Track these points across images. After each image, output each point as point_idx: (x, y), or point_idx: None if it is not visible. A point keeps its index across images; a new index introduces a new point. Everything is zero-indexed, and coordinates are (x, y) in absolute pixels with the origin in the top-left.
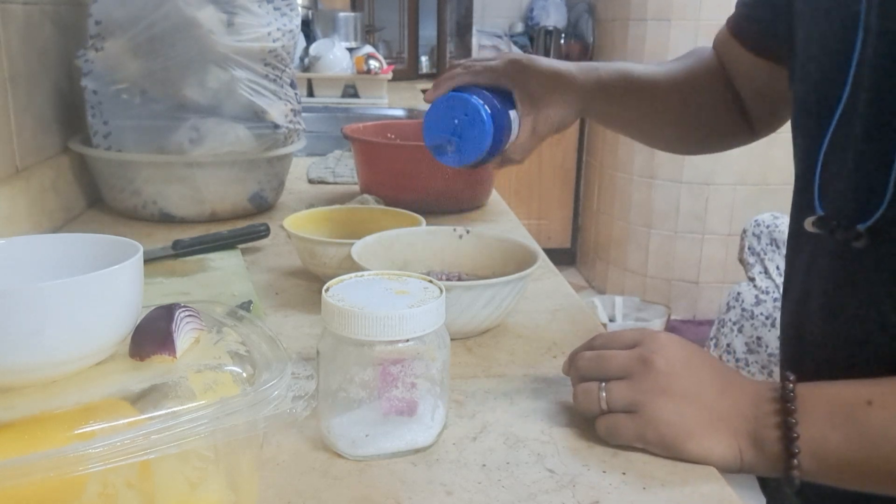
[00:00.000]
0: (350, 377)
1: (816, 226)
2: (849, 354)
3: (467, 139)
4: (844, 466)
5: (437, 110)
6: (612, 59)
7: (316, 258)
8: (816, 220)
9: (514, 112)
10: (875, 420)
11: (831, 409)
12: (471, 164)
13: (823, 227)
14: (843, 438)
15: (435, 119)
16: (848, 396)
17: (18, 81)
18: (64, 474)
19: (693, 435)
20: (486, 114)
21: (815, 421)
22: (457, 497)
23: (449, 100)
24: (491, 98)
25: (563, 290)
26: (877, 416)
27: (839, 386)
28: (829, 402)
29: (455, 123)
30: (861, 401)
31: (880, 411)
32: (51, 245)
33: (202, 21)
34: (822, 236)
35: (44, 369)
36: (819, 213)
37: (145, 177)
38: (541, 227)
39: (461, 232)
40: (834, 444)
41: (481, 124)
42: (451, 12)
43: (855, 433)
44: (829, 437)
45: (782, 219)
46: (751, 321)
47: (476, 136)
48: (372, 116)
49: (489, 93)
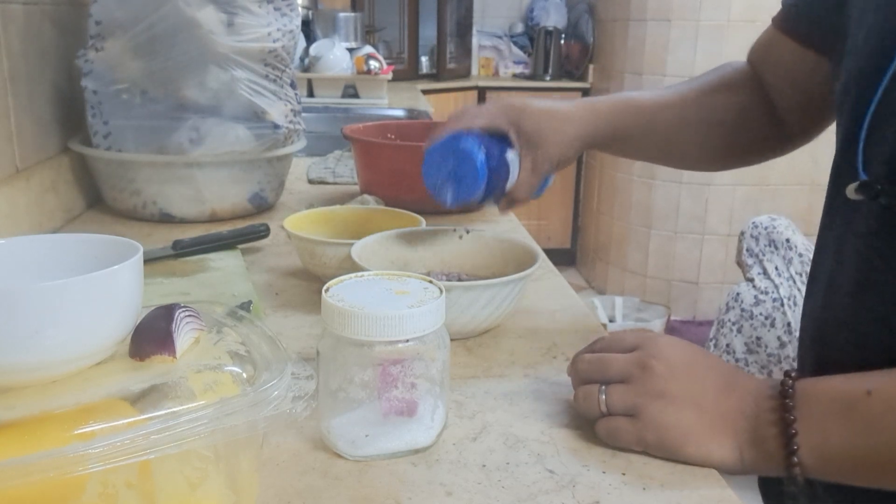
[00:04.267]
0: (350, 377)
1: (859, 192)
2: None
3: (462, 181)
4: (847, 460)
5: (432, 156)
6: (612, 59)
7: (316, 258)
8: (859, 186)
9: (512, 153)
10: (875, 410)
11: (831, 403)
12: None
13: (866, 193)
14: (844, 432)
15: (431, 164)
16: (847, 389)
17: (18, 81)
18: (64, 474)
19: (692, 438)
20: (479, 155)
21: (814, 416)
22: (457, 497)
23: (443, 144)
24: (485, 140)
25: (563, 291)
26: (877, 406)
27: (839, 379)
28: (829, 397)
29: (450, 167)
30: (861, 392)
31: (880, 401)
32: (51, 245)
33: (202, 21)
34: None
35: (44, 369)
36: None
37: (145, 177)
38: (541, 227)
39: (461, 232)
40: (835, 439)
41: (473, 165)
42: (451, 12)
43: (856, 426)
44: (830, 432)
45: (780, 220)
46: (750, 321)
47: (470, 177)
48: (372, 116)
49: (485, 136)
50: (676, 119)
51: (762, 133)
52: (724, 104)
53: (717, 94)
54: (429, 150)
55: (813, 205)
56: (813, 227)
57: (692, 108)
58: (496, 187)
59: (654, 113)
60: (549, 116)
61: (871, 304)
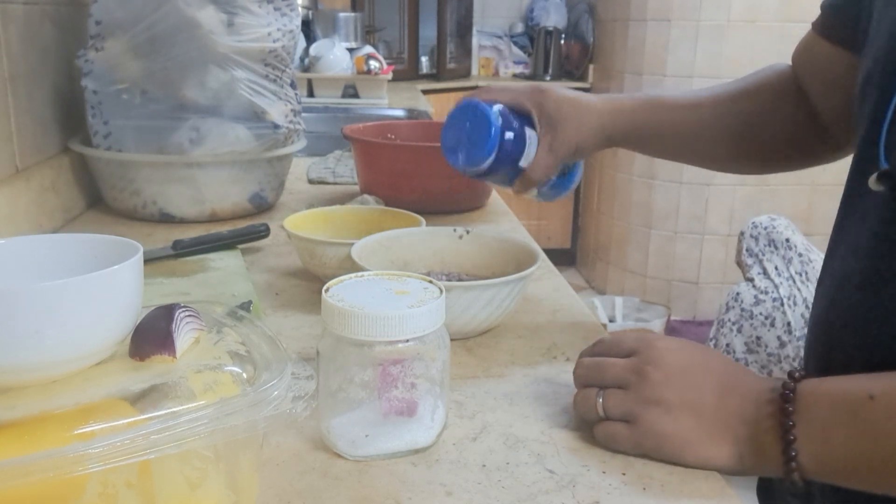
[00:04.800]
0: (350, 377)
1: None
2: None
3: (475, 142)
4: (848, 465)
5: (452, 117)
6: (612, 59)
7: (316, 258)
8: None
9: (531, 131)
10: (878, 415)
11: (832, 409)
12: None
13: (888, 183)
14: (844, 436)
15: (449, 124)
16: (849, 392)
17: (18, 81)
18: (64, 474)
19: (690, 444)
20: (494, 119)
21: (814, 420)
22: (457, 497)
23: (462, 108)
24: (505, 112)
25: (563, 291)
26: (879, 410)
27: (842, 382)
28: (831, 401)
29: (466, 127)
30: (863, 396)
31: (883, 407)
32: (51, 245)
33: (202, 21)
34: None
35: (44, 369)
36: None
37: (145, 177)
38: (541, 227)
39: (461, 232)
40: (835, 443)
41: (487, 129)
42: (451, 12)
43: (857, 430)
44: (831, 436)
45: (779, 220)
46: (750, 321)
47: (482, 141)
48: (372, 116)
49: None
50: (704, 119)
51: (802, 138)
52: (758, 107)
53: (751, 96)
54: (449, 115)
55: (813, 205)
56: (813, 226)
57: (723, 109)
58: (510, 158)
59: (681, 111)
60: (572, 103)
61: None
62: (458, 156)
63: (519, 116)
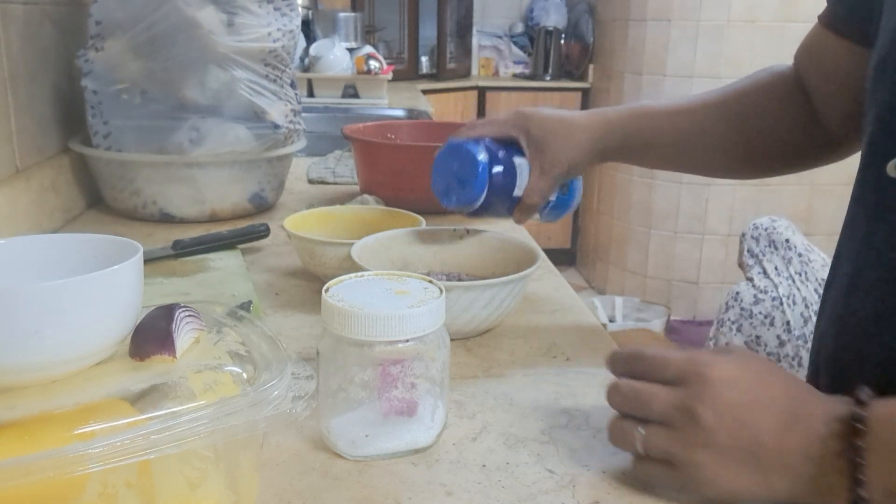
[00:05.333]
0: (350, 377)
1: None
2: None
3: (464, 183)
4: None
5: (438, 160)
6: (612, 59)
7: (316, 258)
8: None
9: (521, 159)
10: None
11: None
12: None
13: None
14: None
15: (437, 168)
16: None
17: (18, 81)
18: (64, 474)
19: (743, 491)
20: (480, 156)
21: (890, 454)
22: (457, 497)
23: (447, 149)
24: (491, 145)
25: (563, 291)
26: None
27: None
28: None
29: (454, 168)
30: None
31: None
32: (51, 245)
33: (202, 21)
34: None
35: (44, 369)
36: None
37: (145, 177)
38: (540, 227)
39: (461, 232)
40: None
41: (475, 167)
42: (451, 12)
43: None
44: None
45: (780, 221)
46: (749, 320)
47: (472, 179)
48: (372, 116)
49: (493, 143)
50: (694, 125)
51: (801, 140)
52: (752, 110)
53: (745, 99)
54: (436, 157)
55: (813, 205)
56: (813, 227)
57: (717, 113)
58: (503, 191)
59: (673, 117)
60: (558, 121)
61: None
62: (451, 198)
63: (506, 147)
